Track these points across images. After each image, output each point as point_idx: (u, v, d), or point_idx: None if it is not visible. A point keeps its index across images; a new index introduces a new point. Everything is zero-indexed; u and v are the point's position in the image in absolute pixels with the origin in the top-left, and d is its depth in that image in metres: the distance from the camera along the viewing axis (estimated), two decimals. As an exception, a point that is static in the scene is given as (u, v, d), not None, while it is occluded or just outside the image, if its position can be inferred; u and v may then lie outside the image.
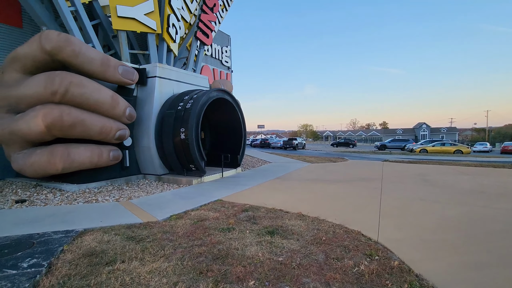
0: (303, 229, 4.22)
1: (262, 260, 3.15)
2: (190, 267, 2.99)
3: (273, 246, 3.56)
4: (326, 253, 3.38)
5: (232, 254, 3.33)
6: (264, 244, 3.63)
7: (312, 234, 4.01)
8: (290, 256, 3.28)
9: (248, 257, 3.24)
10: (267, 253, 3.34)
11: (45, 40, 6.34)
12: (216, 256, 3.26)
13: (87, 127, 6.77)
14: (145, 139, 8.70)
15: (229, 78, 20.87)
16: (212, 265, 3.02)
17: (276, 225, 4.40)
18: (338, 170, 11.41)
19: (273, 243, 3.65)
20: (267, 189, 7.51)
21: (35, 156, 6.69)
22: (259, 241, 3.73)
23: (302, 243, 3.67)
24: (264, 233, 4.02)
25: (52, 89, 6.15)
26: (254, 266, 3.00)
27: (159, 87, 8.95)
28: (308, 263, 3.11)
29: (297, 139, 35.85)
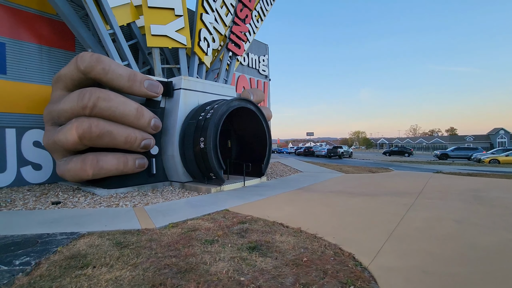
0: (289, 247, 3.90)
1: (222, 278, 2.98)
2: (148, 279, 2.98)
3: (244, 264, 3.35)
4: (298, 276, 3.06)
5: (197, 268, 3.22)
6: (236, 260, 3.44)
7: (296, 254, 3.68)
8: (255, 276, 3.05)
9: (210, 273, 3.11)
10: (232, 271, 3.15)
11: (80, 61, 7.21)
12: (181, 270, 3.20)
13: (114, 137, 7.42)
14: (170, 148, 9.17)
15: (267, 86, 20.97)
16: (169, 279, 2.97)
17: (263, 240, 4.17)
18: (372, 182, 10.44)
19: (246, 261, 3.44)
20: (281, 201, 7.22)
21: (72, 163, 7.57)
22: (233, 257, 3.55)
23: (277, 263, 3.39)
24: (245, 249, 3.82)
25: (83, 104, 6.92)
26: (208, 285, 2.86)
27: (184, 98, 9.40)
28: (269, 286, 2.84)
29: (343, 147, 34.10)
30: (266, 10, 17.75)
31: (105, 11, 8.90)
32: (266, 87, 20.93)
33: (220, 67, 13.30)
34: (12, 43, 8.98)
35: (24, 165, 9.13)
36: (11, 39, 8.96)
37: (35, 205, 6.68)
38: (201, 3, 11.90)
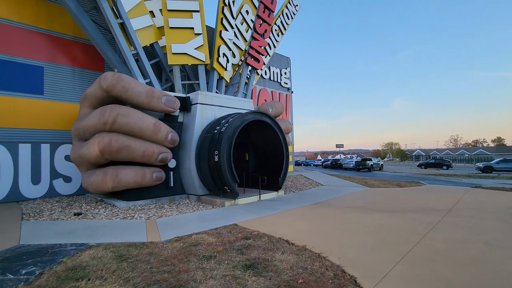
0: (287, 267, 3.70)
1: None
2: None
3: (234, 283, 3.23)
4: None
5: (186, 286, 3.16)
6: (227, 279, 3.33)
7: (293, 274, 3.48)
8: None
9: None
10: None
11: (103, 80, 7.73)
12: (170, 286, 3.15)
13: (132, 151, 7.76)
14: (187, 161, 9.37)
15: (289, 99, 20.89)
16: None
17: (262, 258, 4.01)
18: (398, 197, 9.75)
19: (237, 280, 3.31)
20: (293, 216, 6.98)
21: (94, 176, 8.01)
22: (226, 275, 3.44)
23: (269, 284, 3.22)
24: (240, 267, 3.70)
25: (104, 120, 7.36)
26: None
27: (200, 113, 9.64)
28: (254, 309, 2.69)
29: (373, 159, 32.59)
30: (287, 24, 17.93)
31: (129, 34, 9.55)
32: (288, 99, 20.86)
33: (239, 81, 13.53)
34: (49, 66, 9.91)
35: (56, 177, 9.84)
36: (49, 63, 9.90)
37: (59, 215, 7.11)
38: (220, 21, 12.33)
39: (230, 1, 12.87)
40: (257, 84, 18.46)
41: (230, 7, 12.81)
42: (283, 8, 17.56)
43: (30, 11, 9.64)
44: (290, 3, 18.17)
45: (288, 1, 18.05)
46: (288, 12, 17.88)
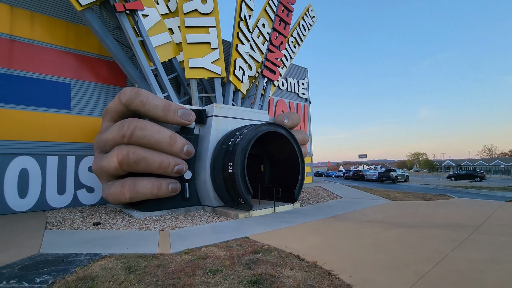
0: (294, 284, 3.56)
1: (207, 315, 2.82)
2: (137, 308, 2.98)
3: (237, 300, 3.15)
4: (290, 320, 2.74)
5: (188, 301, 3.13)
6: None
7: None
8: (242, 315, 2.82)
9: (199, 307, 2.98)
10: (221, 307, 2.98)
11: (122, 95, 8.10)
12: (172, 301, 3.13)
13: (149, 163, 7.98)
14: (202, 173, 9.48)
15: (307, 109, 20.72)
16: (157, 310, 2.92)
17: (269, 274, 3.89)
18: (422, 212, 9.21)
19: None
20: (307, 230, 6.77)
21: (113, 187, 8.30)
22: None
23: (273, 302, 3.10)
24: (245, 282, 3.61)
25: (122, 133, 7.66)
26: (191, 320, 2.73)
27: (215, 125, 9.78)
28: (253, 329, 2.59)
29: (397, 170, 31.24)
30: (304, 35, 18.01)
31: (149, 50, 10.00)
32: (306, 110, 20.70)
33: (256, 92, 13.65)
34: (76, 83, 10.58)
35: (80, 188, 10.31)
36: (75, 80, 10.57)
37: (79, 225, 7.40)
38: (237, 35, 12.61)
39: (247, 15, 13.17)
40: (274, 95, 18.53)
41: (246, 21, 13.10)
42: (300, 20, 17.69)
43: (60, 33, 10.42)
44: (307, 14, 18.29)
45: (305, 13, 18.20)
46: (304, 24, 17.99)
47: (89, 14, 9.42)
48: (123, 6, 9.22)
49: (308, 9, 18.34)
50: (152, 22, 10.51)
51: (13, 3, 9.71)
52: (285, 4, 14.38)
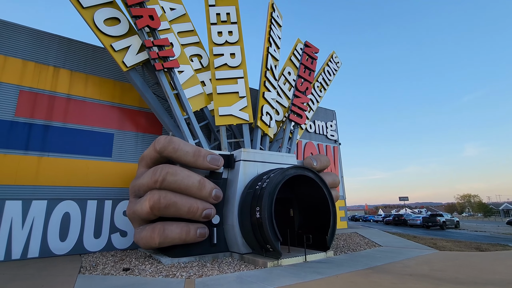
0: None
1: None
2: None
3: None
4: None
5: None
6: None
7: None
8: None
9: None
10: None
11: (157, 143, 8.72)
12: None
13: (178, 207, 8.17)
14: (230, 218, 9.41)
15: (337, 151, 20.35)
16: None
17: (295, 334, 3.55)
18: (476, 265, 8.06)
19: None
20: (340, 283, 6.20)
21: (144, 231, 8.50)
22: None
23: None
24: None
25: (155, 178, 8.07)
26: None
27: (243, 169, 9.93)
28: None
29: (445, 214, 28.27)
30: (329, 80, 18.54)
31: (182, 102, 10.91)
32: (336, 152, 20.33)
33: (283, 136, 13.87)
34: (118, 133, 11.66)
35: (114, 232, 10.68)
36: (118, 130, 11.67)
37: (110, 270, 7.52)
38: (263, 83, 13.36)
39: (272, 65, 14.05)
40: (302, 138, 18.63)
41: (272, 70, 13.94)
42: (324, 66, 18.41)
43: (108, 90, 11.87)
44: (331, 61, 19.03)
45: (329, 59, 18.97)
46: (329, 69, 18.64)
47: (132, 74, 10.73)
48: (161, 65, 10.39)
49: (332, 56, 19.13)
50: (186, 77, 11.63)
51: (73, 68, 11.43)
52: (309, 54, 15.20)
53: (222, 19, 12.72)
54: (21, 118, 10.05)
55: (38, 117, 10.34)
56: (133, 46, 10.73)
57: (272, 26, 14.47)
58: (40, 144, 10.16)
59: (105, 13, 10.44)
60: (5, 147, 9.59)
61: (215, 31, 12.47)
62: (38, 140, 10.15)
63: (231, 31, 12.68)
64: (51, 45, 11.26)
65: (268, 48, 13.94)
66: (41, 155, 10.07)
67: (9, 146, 9.64)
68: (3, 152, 9.51)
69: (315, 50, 15.52)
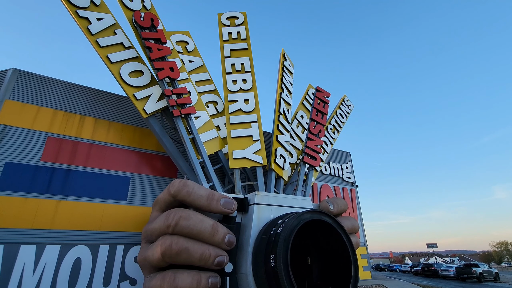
0: None
1: None
2: None
3: None
4: None
5: None
6: None
7: None
8: None
9: None
10: None
11: (171, 187, 8.60)
12: None
13: (190, 254, 7.71)
14: (244, 266, 8.81)
15: (354, 193, 19.68)
16: None
17: None
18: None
19: None
20: None
21: (154, 280, 8.01)
22: None
23: None
24: None
25: (168, 223, 7.76)
26: None
27: (257, 213, 9.50)
28: None
29: (480, 265, 25.61)
30: (342, 122, 18.75)
31: (197, 146, 11.21)
32: (353, 194, 19.65)
33: (298, 179, 13.69)
34: (135, 176, 11.92)
35: (124, 280, 10.29)
36: (134, 174, 11.95)
37: (116, 324, 7.09)
38: (277, 127, 13.67)
39: (285, 109, 14.51)
40: (317, 180, 18.29)
41: (285, 114, 14.35)
42: (337, 109, 18.77)
43: (128, 135, 12.47)
44: (343, 104, 19.45)
45: (341, 102, 19.41)
46: (342, 112, 18.96)
47: (152, 120, 11.32)
48: (179, 112, 10.95)
49: (344, 99, 19.61)
50: (202, 122, 12.13)
51: (98, 115, 12.24)
52: (320, 98, 15.66)
53: (236, 68, 13.60)
54: (46, 163, 10.55)
55: (61, 161, 10.83)
56: (153, 95, 11.49)
57: (284, 73, 15.28)
58: (61, 187, 10.47)
59: (130, 67, 11.43)
60: (28, 191, 9.93)
61: (230, 80, 13.26)
62: (59, 184, 10.48)
63: (245, 79, 13.46)
64: (80, 95, 12.26)
65: (280, 93, 14.55)
66: (61, 198, 10.31)
67: (31, 190, 9.98)
68: (25, 196, 9.82)
69: (327, 95, 16.00)
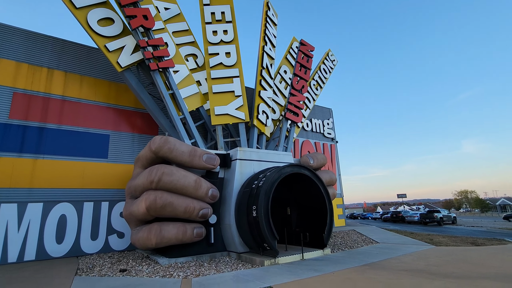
0: None
1: None
2: None
3: None
4: None
5: None
6: None
7: None
8: None
9: None
10: None
11: (152, 143, 8.69)
12: None
13: (174, 207, 8.16)
14: (227, 217, 9.41)
15: (334, 149, 20.40)
16: None
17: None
18: (472, 259, 8.12)
19: None
20: (336, 280, 6.23)
21: (141, 232, 8.48)
22: None
23: None
24: None
25: (150, 179, 8.05)
26: None
27: (239, 168, 9.93)
28: None
29: (442, 211, 28.43)
30: (325, 78, 18.55)
31: (178, 102, 10.87)
32: (333, 149, 20.38)
33: (279, 135, 13.87)
34: (114, 134, 11.61)
35: (111, 233, 10.65)
36: (114, 131, 11.63)
37: (107, 271, 7.50)
38: (259, 82, 13.35)
39: (268, 64, 14.06)
40: (299, 136, 18.65)
41: (268, 69, 13.94)
42: (320, 64, 18.41)
43: (103, 91, 11.82)
44: (327, 59, 19.03)
45: (325, 57, 18.97)
46: (325, 67, 18.65)
47: (127, 74, 10.68)
48: (156, 65, 10.35)
49: (328, 54, 19.14)
50: (181, 76, 11.60)
51: (68, 69, 11.37)
52: (304, 52, 15.21)
53: (217, 18, 12.70)
54: (15, 121, 9.98)
55: (33, 119, 10.27)
56: (127, 46, 10.68)
57: (267, 24, 14.47)
58: (35, 146, 10.09)
59: (98, 14, 10.37)
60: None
61: (210, 30, 12.45)
62: (32, 143, 10.08)
63: (226, 30, 12.67)
64: (45, 47, 11.18)
65: (263, 46, 13.94)
66: (36, 157, 10.01)
67: (2, 148, 9.57)
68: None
69: (311, 48, 15.53)
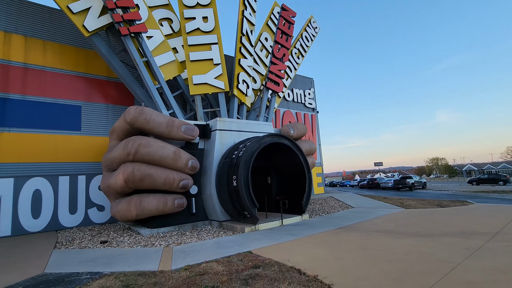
0: (290, 300, 3.43)
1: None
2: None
3: (229, 318, 3.05)
4: None
5: (179, 320, 3.06)
6: (222, 313, 3.17)
7: (294, 309, 3.21)
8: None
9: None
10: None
11: (127, 114, 8.33)
12: (163, 320, 3.08)
13: (154, 179, 8.07)
14: (208, 187, 9.49)
15: (314, 119, 20.60)
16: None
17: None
18: (436, 219, 8.79)
19: (232, 314, 3.13)
20: (313, 242, 6.58)
21: (120, 204, 8.42)
22: (222, 308, 3.28)
23: (266, 320, 2.99)
24: (240, 299, 3.51)
25: (127, 151, 7.83)
26: None
27: (220, 139, 9.85)
28: None
29: (413, 177, 30.20)
30: (307, 46, 18.14)
31: (153, 70, 10.33)
32: (314, 120, 20.58)
33: (260, 105, 13.72)
34: (86, 105, 11.01)
35: (91, 207, 10.52)
36: (86, 102, 11.01)
37: (87, 244, 7.50)
38: (239, 50, 12.85)
39: (248, 30, 13.45)
40: (280, 107, 18.58)
41: (248, 36, 13.37)
42: (302, 32, 17.88)
43: (70, 59, 10.97)
44: (309, 26, 18.48)
45: (307, 24, 18.39)
46: (307, 35, 18.15)
47: (96, 39, 9.90)
48: (127, 30, 9.63)
49: (310, 21, 18.55)
50: (156, 43, 10.91)
51: (28, 33, 10.35)
52: (286, 18, 14.63)
53: (192, -22, 11.75)
54: (-27, 91, 9.16)
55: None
56: (94, 8, 9.78)
57: (246, -13, 13.61)
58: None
59: (57, -31, 9.27)
60: (-42, 122, 8.82)
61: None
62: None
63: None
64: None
65: (243, 11, 13.23)
66: (1, 130, 9.39)
67: (-38, 121, 8.87)
68: (-43, 128, 8.76)
69: (292, 14, 14.95)
